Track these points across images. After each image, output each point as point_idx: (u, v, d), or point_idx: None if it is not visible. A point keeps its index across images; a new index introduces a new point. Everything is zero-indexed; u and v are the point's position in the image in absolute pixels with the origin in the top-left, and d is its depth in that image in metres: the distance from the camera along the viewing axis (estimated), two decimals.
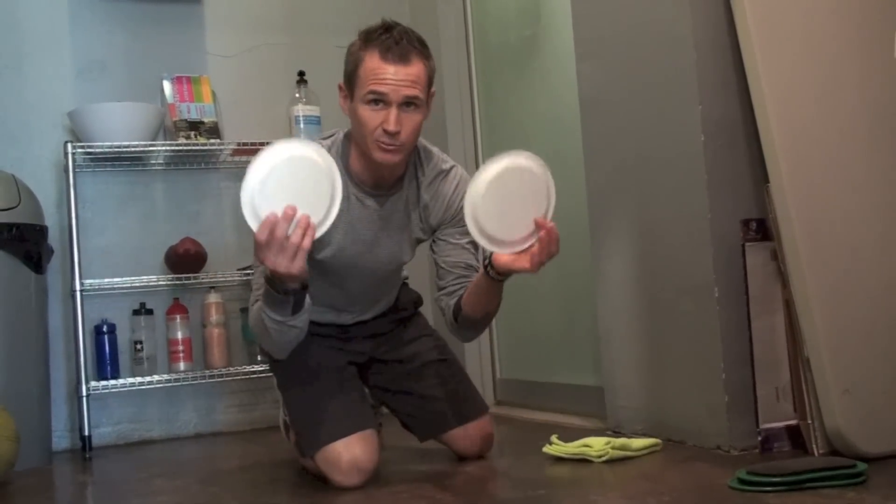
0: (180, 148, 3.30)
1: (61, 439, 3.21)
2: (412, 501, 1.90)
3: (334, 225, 1.92)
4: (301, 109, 3.48)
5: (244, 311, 3.41)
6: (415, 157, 2.17)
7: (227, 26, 3.61)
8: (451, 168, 2.20)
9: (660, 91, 2.32)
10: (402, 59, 1.95)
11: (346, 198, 1.98)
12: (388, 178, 2.11)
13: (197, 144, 3.31)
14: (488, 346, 3.55)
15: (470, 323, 2.13)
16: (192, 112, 3.37)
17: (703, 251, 2.19)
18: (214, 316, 3.33)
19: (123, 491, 2.40)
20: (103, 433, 3.28)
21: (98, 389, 3.12)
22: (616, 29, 2.49)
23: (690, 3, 2.20)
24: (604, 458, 2.13)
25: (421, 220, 2.19)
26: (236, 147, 3.35)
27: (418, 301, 2.49)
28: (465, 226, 1.93)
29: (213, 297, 3.35)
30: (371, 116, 1.96)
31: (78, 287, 3.08)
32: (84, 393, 3.04)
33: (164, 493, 2.32)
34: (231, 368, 3.31)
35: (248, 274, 3.33)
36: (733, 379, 2.15)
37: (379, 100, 1.95)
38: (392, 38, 1.95)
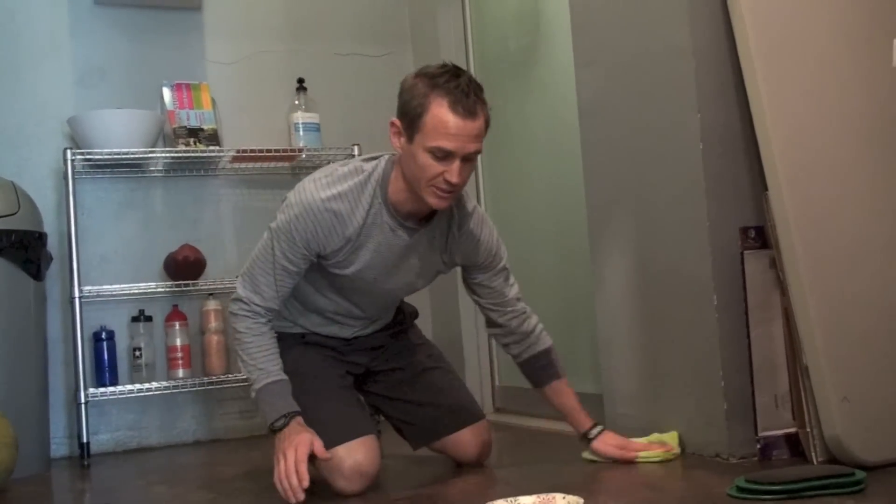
0: (180, 155, 3.30)
1: (59, 446, 3.21)
2: None
3: (362, 244, 2.02)
4: (300, 116, 3.48)
5: None
6: None
7: (227, 33, 3.61)
8: (473, 208, 2.19)
9: (659, 99, 2.33)
10: (471, 114, 1.90)
11: (379, 224, 2.04)
12: (425, 213, 2.10)
13: (196, 151, 3.32)
14: (487, 354, 3.55)
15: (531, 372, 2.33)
16: (191, 119, 3.37)
17: (703, 259, 2.19)
18: (213, 323, 3.33)
19: (122, 498, 2.40)
20: (102, 440, 3.28)
21: (97, 396, 3.12)
22: (615, 37, 2.50)
23: (689, 12, 2.21)
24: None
25: (446, 255, 2.19)
26: (236, 154, 3.35)
27: (415, 313, 2.51)
28: (495, 269, 2.21)
29: (212, 304, 3.35)
30: (433, 165, 1.92)
31: (77, 294, 3.08)
32: (83, 400, 3.04)
33: (163, 500, 2.32)
34: (230, 375, 3.31)
35: None
36: (732, 387, 2.15)
37: (445, 154, 1.91)
38: (461, 90, 1.89)
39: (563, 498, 1.82)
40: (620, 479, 2.07)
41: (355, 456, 2.07)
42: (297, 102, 3.53)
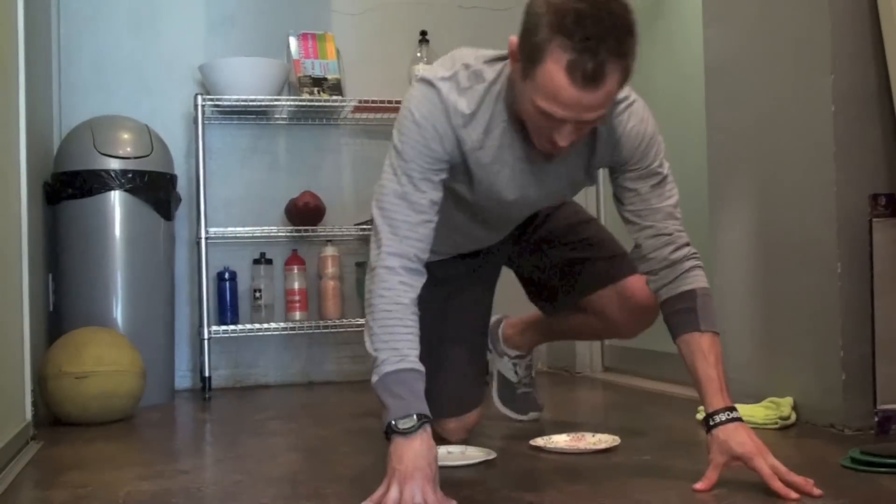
0: (304, 103, 3.38)
1: (183, 379, 3.37)
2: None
3: (486, 168, 1.71)
4: (422, 69, 3.51)
5: (359, 265, 3.50)
6: None
7: None
8: (623, 101, 1.74)
9: (790, 59, 2.25)
10: (593, 81, 1.47)
11: (499, 146, 1.70)
12: None
13: (320, 100, 3.39)
14: None
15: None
16: (316, 69, 3.44)
17: (828, 225, 2.13)
18: (330, 268, 3.42)
19: (240, 429, 2.51)
20: (222, 375, 3.42)
21: (218, 333, 3.26)
22: None
23: None
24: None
25: (590, 166, 1.80)
26: (357, 104, 3.41)
27: None
28: (641, 169, 1.73)
29: (329, 251, 3.44)
30: (540, 121, 1.56)
31: (203, 235, 3.21)
32: (206, 336, 3.18)
33: (278, 434, 2.42)
34: (344, 320, 3.40)
35: (365, 229, 3.40)
36: (852, 357, 2.10)
37: (554, 118, 1.54)
38: (589, 51, 1.44)
39: (594, 436, 1.94)
40: None
41: (458, 431, 2.13)
42: (419, 55, 3.55)
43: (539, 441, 2.03)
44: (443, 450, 1.89)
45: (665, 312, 1.76)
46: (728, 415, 1.62)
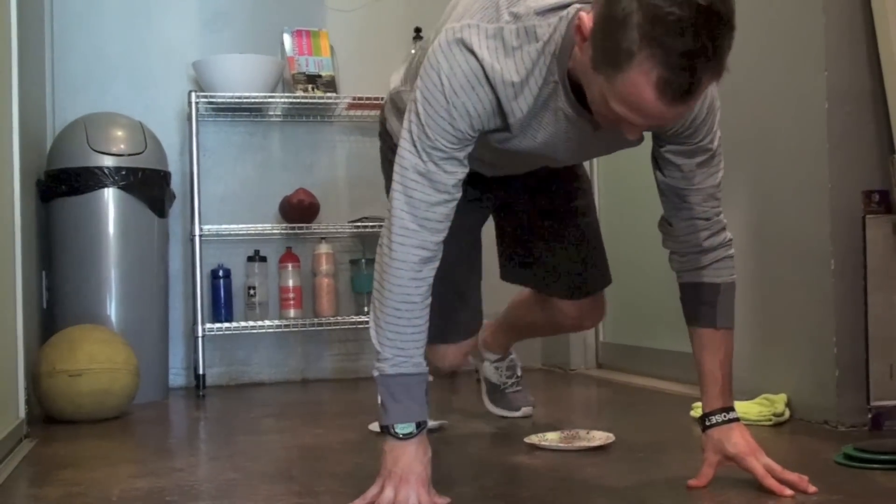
0: (298, 100, 3.38)
1: (177, 376, 3.37)
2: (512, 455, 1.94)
3: (527, 131, 1.52)
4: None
5: (354, 262, 3.49)
6: None
7: None
8: None
9: (784, 56, 2.26)
10: (683, 97, 1.28)
11: (553, 110, 1.50)
12: None
13: (314, 97, 3.38)
14: None
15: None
16: (310, 65, 3.44)
17: (821, 221, 2.13)
18: (325, 266, 3.42)
19: (234, 427, 2.51)
20: (216, 373, 3.42)
21: (212, 331, 3.25)
22: None
23: None
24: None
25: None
26: (352, 101, 3.41)
27: None
28: (688, 143, 1.55)
29: (323, 248, 3.43)
30: (610, 115, 1.36)
31: (197, 232, 3.20)
32: (200, 333, 3.18)
33: (272, 431, 2.42)
34: (339, 318, 3.40)
35: (359, 227, 3.40)
36: (845, 354, 2.10)
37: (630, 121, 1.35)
38: (686, 70, 1.26)
39: (588, 433, 1.96)
40: None
41: (444, 361, 2.07)
42: (413, 52, 3.54)
43: (533, 439, 2.03)
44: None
45: (684, 297, 1.68)
46: (725, 415, 1.59)
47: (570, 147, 1.59)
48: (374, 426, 2.44)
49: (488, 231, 2.11)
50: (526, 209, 2.09)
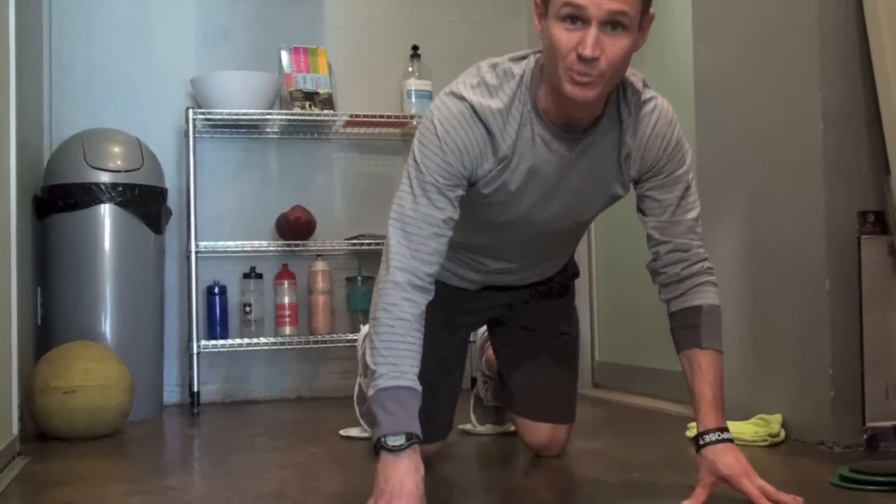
0: (295, 117, 3.38)
1: (172, 393, 3.35)
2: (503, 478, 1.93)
3: (513, 164, 1.65)
4: (413, 83, 3.51)
5: (350, 280, 3.49)
6: (618, 94, 1.70)
7: None
8: (650, 100, 1.74)
9: (779, 76, 2.27)
10: None
11: (531, 138, 1.65)
12: (582, 119, 1.66)
13: (311, 115, 3.39)
14: (588, 329, 3.54)
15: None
16: (307, 83, 3.44)
17: (817, 242, 2.13)
18: (321, 283, 3.42)
19: (228, 445, 2.50)
20: (211, 390, 3.41)
21: (208, 348, 3.24)
22: (737, 10, 2.44)
23: None
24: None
25: (621, 173, 1.74)
26: (349, 119, 3.41)
27: (576, 274, 2.21)
28: (665, 174, 1.70)
29: (320, 265, 3.43)
30: (564, 38, 1.51)
31: (193, 248, 3.20)
32: (195, 350, 3.17)
33: (267, 450, 2.41)
34: (335, 335, 3.39)
35: (355, 244, 3.40)
36: (841, 374, 2.10)
37: (576, 16, 1.50)
38: None
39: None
40: None
41: (432, 455, 1.99)
42: (410, 69, 3.56)
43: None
44: None
45: (672, 326, 1.75)
46: (718, 435, 1.60)
47: (550, 181, 1.71)
48: (346, 431, 2.46)
49: None
50: (510, 341, 2.17)
